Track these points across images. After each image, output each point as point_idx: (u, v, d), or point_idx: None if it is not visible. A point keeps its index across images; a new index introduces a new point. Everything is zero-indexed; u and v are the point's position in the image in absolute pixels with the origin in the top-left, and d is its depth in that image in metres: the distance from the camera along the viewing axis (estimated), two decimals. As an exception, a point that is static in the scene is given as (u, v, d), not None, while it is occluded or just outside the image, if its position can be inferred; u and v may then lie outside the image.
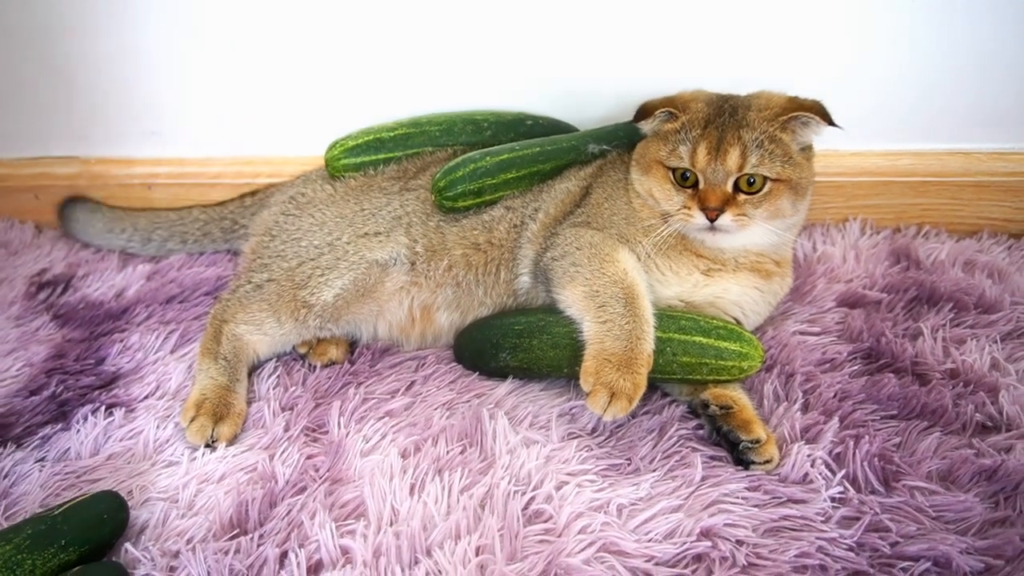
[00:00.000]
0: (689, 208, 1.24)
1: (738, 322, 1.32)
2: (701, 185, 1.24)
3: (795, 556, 1.02)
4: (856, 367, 1.34)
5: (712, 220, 1.22)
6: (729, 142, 1.21)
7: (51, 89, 1.78)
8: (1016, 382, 1.27)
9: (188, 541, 1.08)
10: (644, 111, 1.31)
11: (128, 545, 1.08)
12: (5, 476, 1.21)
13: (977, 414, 1.22)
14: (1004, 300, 1.46)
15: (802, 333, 1.41)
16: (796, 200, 1.25)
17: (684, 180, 1.26)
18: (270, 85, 1.72)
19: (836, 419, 1.21)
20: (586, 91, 1.66)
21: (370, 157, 1.58)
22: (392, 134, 1.60)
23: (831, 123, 1.23)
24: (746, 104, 1.27)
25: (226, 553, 1.05)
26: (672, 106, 1.28)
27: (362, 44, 1.66)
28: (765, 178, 1.22)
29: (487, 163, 1.43)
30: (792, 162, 1.23)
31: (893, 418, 1.24)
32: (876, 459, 1.14)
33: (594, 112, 1.65)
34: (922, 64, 1.59)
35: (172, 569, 1.04)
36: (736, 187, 1.23)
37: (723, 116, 1.24)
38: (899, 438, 1.19)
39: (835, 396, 1.27)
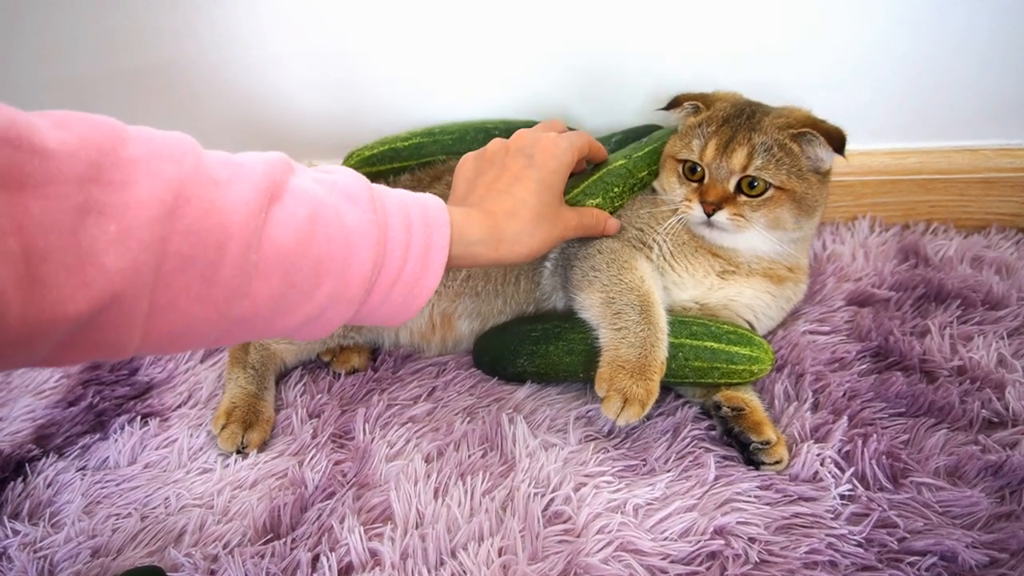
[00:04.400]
0: (690, 200, 1.29)
1: (751, 326, 1.36)
2: (705, 180, 1.29)
3: (806, 552, 1.06)
4: (865, 366, 1.37)
5: (709, 215, 1.26)
6: (739, 141, 1.26)
7: (77, 98, 1.83)
8: (1022, 378, 1.30)
9: (225, 546, 1.13)
10: (675, 102, 1.38)
11: (170, 549, 1.13)
12: (49, 485, 1.27)
13: (983, 410, 1.25)
14: (1011, 296, 1.49)
15: (812, 333, 1.45)
16: (799, 215, 1.28)
17: (692, 173, 1.31)
18: (289, 98, 1.77)
19: (845, 418, 1.24)
20: (596, 99, 1.70)
21: (386, 166, 1.63)
22: (407, 143, 1.65)
23: (837, 150, 1.24)
24: (766, 111, 1.31)
25: (262, 557, 1.11)
26: (701, 101, 1.35)
27: (377, 56, 1.70)
28: (768, 184, 1.25)
29: None
30: (801, 175, 1.26)
31: (901, 416, 1.27)
32: (884, 457, 1.18)
33: (606, 119, 1.69)
34: (928, 61, 1.61)
35: (212, 573, 1.10)
36: (739, 189, 1.27)
37: (741, 118, 1.29)
38: (907, 435, 1.23)
39: (844, 395, 1.30)
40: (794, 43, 1.61)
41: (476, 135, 1.66)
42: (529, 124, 1.68)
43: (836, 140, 1.25)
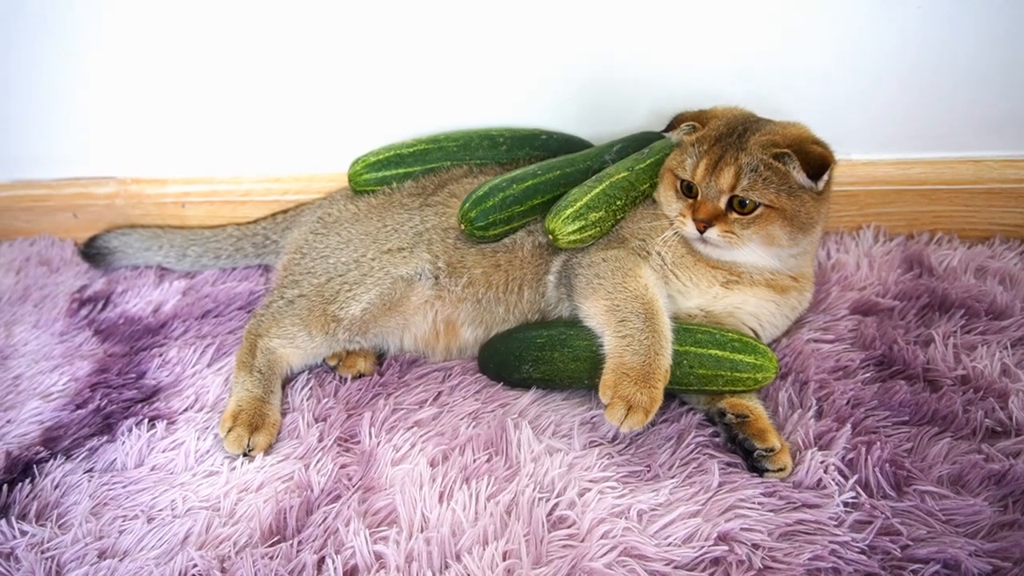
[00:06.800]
0: (684, 216, 1.31)
1: (756, 333, 1.37)
2: (699, 198, 1.30)
3: (809, 559, 1.06)
4: (869, 374, 1.38)
5: (700, 232, 1.28)
6: (727, 162, 1.27)
7: (88, 111, 1.85)
8: (1026, 387, 1.31)
9: (232, 548, 1.14)
10: (674, 123, 1.39)
11: (177, 550, 1.14)
12: (56, 487, 1.28)
13: (987, 419, 1.26)
14: (1015, 306, 1.49)
15: (816, 341, 1.45)
16: (793, 232, 1.28)
17: (688, 191, 1.33)
18: (296, 106, 1.78)
19: (849, 426, 1.25)
20: (597, 108, 1.72)
21: (390, 172, 1.64)
22: (411, 150, 1.66)
23: (811, 177, 1.24)
24: (756, 129, 1.31)
25: (270, 559, 1.11)
26: (699, 120, 1.36)
27: (384, 66, 1.72)
28: (757, 202, 1.26)
29: (515, 191, 1.45)
30: (791, 193, 1.26)
31: (905, 424, 1.27)
32: (888, 464, 1.18)
33: (607, 128, 1.70)
34: (933, 73, 1.62)
35: (224, 571, 1.10)
36: (731, 206, 1.28)
37: (732, 137, 1.30)
38: (910, 444, 1.23)
39: (848, 403, 1.31)
40: (798, 53, 1.62)
41: (481, 142, 1.67)
42: (535, 133, 1.70)
43: (813, 166, 1.23)
